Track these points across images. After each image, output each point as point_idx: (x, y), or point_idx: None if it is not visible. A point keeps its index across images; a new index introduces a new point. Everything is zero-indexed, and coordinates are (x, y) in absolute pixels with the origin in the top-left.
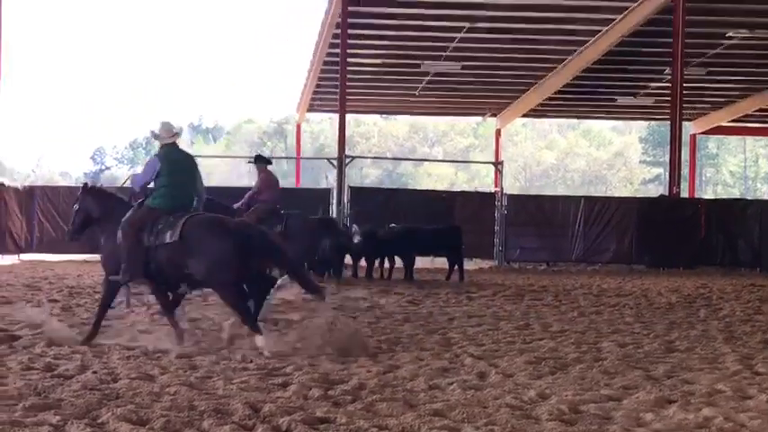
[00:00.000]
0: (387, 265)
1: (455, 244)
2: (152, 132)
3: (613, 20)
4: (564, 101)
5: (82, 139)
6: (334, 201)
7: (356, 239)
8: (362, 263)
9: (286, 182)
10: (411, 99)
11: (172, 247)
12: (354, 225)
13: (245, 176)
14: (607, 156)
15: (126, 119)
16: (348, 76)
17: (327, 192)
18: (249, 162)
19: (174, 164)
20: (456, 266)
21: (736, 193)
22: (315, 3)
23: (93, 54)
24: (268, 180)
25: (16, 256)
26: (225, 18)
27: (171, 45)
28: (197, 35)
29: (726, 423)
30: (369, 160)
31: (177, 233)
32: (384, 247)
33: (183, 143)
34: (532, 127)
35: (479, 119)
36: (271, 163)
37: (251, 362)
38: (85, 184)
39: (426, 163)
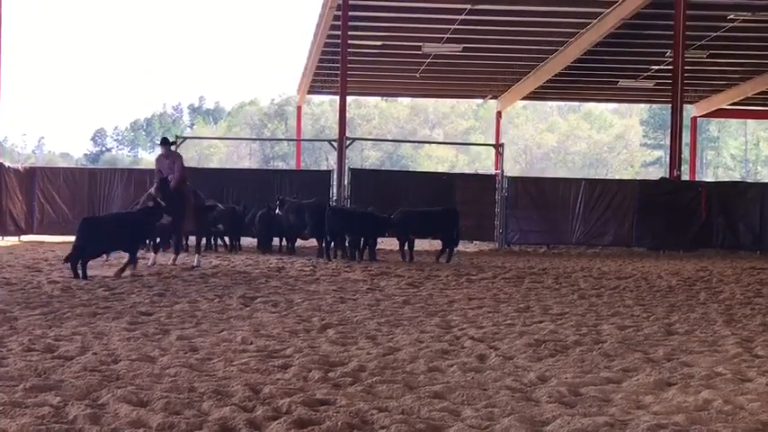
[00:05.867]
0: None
1: (450, 226)
2: None
3: (615, 2)
4: (565, 83)
5: (83, 121)
6: (335, 183)
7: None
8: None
9: (287, 164)
10: (412, 81)
11: None
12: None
13: (246, 158)
14: (608, 138)
15: (127, 100)
16: (349, 57)
17: (328, 174)
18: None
19: None
20: (447, 248)
21: (736, 176)
22: None
23: (95, 35)
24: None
25: (17, 237)
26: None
27: (173, 26)
28: (199, 16)
29: (725, 406)
30: (369, 142)
31: None
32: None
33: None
34: (533, 109)
35: (480, 101)
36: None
37: (251, 344)
38: None
39: (427, 145)
